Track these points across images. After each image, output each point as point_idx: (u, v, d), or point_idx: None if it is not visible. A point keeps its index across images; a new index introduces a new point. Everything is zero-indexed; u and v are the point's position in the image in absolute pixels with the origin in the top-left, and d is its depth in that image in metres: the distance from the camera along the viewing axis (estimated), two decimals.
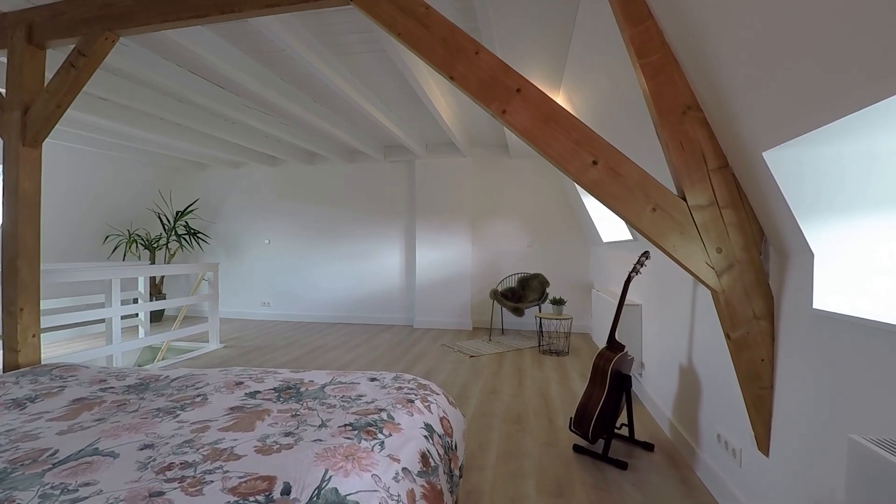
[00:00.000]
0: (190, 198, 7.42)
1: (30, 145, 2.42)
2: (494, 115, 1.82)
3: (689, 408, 2.59)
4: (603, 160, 1.75)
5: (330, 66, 3.42)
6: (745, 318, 1.76)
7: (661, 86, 1.73)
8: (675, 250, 1.74)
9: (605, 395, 2.52)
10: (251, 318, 7.28)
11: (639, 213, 1.74)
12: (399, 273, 6.89)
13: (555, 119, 1.76)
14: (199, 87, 3.89)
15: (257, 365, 4.44)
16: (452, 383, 3.84)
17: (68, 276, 3.46)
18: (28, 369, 2.00)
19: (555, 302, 4.94)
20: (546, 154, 1.77)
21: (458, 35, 1.83)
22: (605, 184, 1.75)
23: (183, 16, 2.16)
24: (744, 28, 1.35)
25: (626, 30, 1.75)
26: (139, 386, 1.73)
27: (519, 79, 1.79)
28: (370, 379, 1.72)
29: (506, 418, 3.09)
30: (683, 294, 2.66)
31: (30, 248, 2.41)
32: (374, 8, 1.89)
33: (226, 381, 1.68)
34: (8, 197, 2.39)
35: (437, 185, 6.50)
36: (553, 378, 4.02)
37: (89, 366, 2.05)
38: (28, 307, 2.40)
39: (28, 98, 2.42)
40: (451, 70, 1.83)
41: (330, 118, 4.86)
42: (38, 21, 2.46)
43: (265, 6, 2.04)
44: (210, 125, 4.84)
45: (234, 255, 7.42)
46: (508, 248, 6.45)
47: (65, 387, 1.73)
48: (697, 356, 2.49)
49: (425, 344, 5.43)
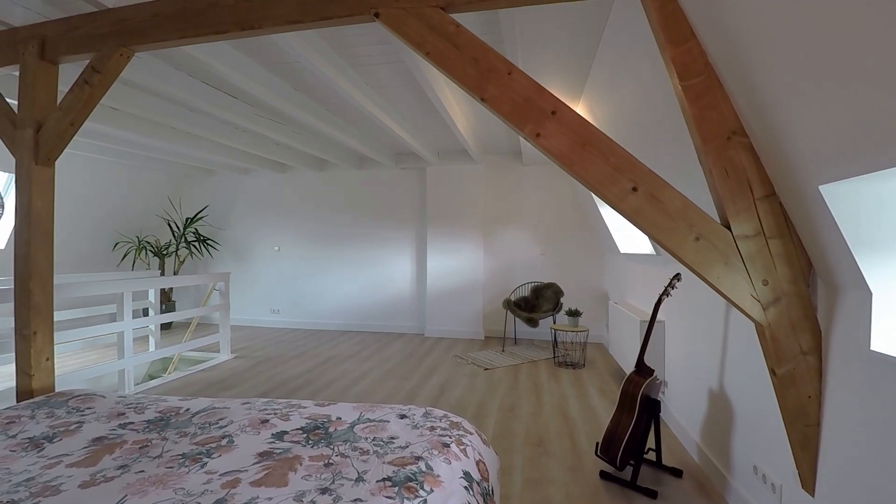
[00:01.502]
0: (199, 204, 7.38)
1: (42, 164, 2.36)
2: (528, 139, 1.74)
3: (720, 434, 2.50)
4: (643, 186, 1.66)
5: (345, 77, 3.35)
6: (792, 354, 1.68)
7: (705, 109, 1.65)
8: (719, 282, 1.66)
9: (635, 421, 2.44)
10: (261, 325, 7.23)
11: (681, 242, 1.66)
12: (410, 281, 6.82)
13: (592, 143, 1.68)
14: (211, 96, 3.83)
15: (269, 377, 4.38)
16: (469, 400, 3.76)
17: (81, 291, 3.41)
18: (43, 399, 1.93)
19: (571, 313, 4.85)
20: (583, 180, 1.69)
21: (490, 55, 1.75)
22: (646, 211, 1.67)
23: (201, 32, 2.10)
24: (797, 49, 1.26)
25: (668, 50, 1.67)
26: (159, 422, 1.67)
27: (554, 101, 1.71)
28: (399, 416, 1.65)
29: (527, 440, 3.01)
30: (714, 317, 2.57)
31: (42, 270, 2.35)
32: (402, 27, 1.82)
33: (250, 418, 1.61)
34: (20, 218, 2.33)
35: (448, 193, 6.42)
36: (571, 394, 3.94)
37: (106, 394, 1.99)
38: (41, 330, 2.34)
39: (41, 115, 2.36)
40: (483, 92, 1.75)
41: (342, 127, 4.80)
42: (50, 36, 2.40)
43: (287, 23, 1.97)
44: (220, 133, 4.79)
45: (244, 261, 7.37)
46: (521, 256, 6.36)
47: (83, 422, 1.66)
48: (731, 383, 2.40)
49: (437, 355, 5.36)
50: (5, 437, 1.55)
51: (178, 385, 4.11)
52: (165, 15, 2.16)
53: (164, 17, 2.16)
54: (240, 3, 2.03)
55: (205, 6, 2.08)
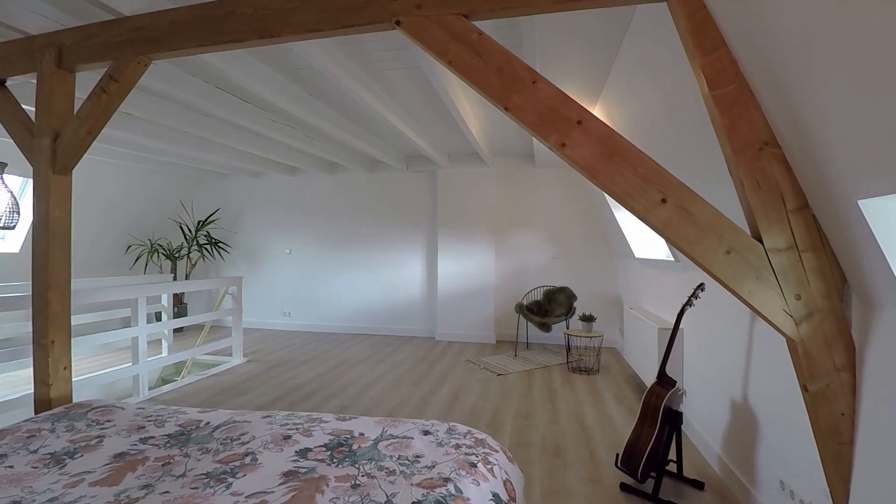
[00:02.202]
0: (210, 207, 7.39)
1: (60, 173, 2.36)
2: (553, 149, 1.70)
3: (743, 446, 2.45)
4: (673, 198, 1.62)
5: (359, 82, 3.33)
6: (825, 370, 1.63)
7: (736, 119, 1.61)
8: (750, 296, 1.61)
9: (657, 433, 2.40)
10: (272, 328, 7.24)
11: (712, 255, 1.62)
12: (420, 284, 6.79)
13: (620, 154, 1.64)
14: (225, 101, 3.82)
15: (282, 382, 4.37)
16: (483, 407, 3.72)
17: (96, 297, 3.42)
18: (62, 410, 1.92)
19: (585, 318, 4.80)
20: (610, 191, 1.65)
21: (515, 63, 1.71)
22: (675, 224, 1.63)
23: (219, 41, 2.08)
24: (840, 58, 1.21)
25: (697, 58, 1.63)
26: (180, 436, 1.65)
27: (580, 110, 1.67)
28: (423, 432, 1.62)
29: (545, 450, 2.97)
30: (737, 326, 2.52)
31: (60, 280, 2.34)
32: (424, 35, 1.79)
33: (272, 434, 1.58)
34: (38, 227, 2.32)
35: (459, 196, 6.39)
36: (586, 401, 3.89)
37: (125, 405, 1.97)
38: (59, 339, 2.33)
39: (58, 124, 2.35)
40: (507, 101, 1.71)
41: (353, 130, 4.78)
42: (67, 44, 2.39)
43: (306, 31, 1.94)
44: (232, 138, 4.78)
45: (255, 264, 7.38)
46: (533, 259, 6.32)
47: (103, 436, 1.65)
48: (755, 395, 2.35)
49: (449, 359, 5.33)
50: (26, 451, 1.54)
51: (192, 390, 4.11)
52: (183, 23, 2.14)
53: (181, 25, 2.14)
54: (258, 11, 2.01)
55: (222, 14, 2.07)
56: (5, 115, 2.52)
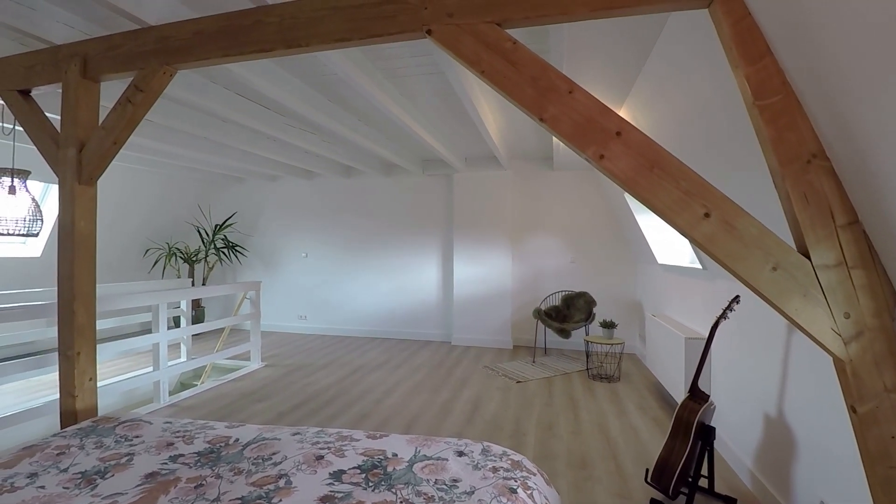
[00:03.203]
0: (227, 211, 7.42)
1: (85, 183, 2.35)
2: (590, 160, 1.65)
3: (779, 463, 2.38)
4: (716, 212, 1.56)
5: (380, 87, 3.30)
6: (875, 392, 1.55)
7: (783, 131, 1.54)
8: (797, 315, 1.55)
9: (689, 448, 2.34)
10: (289, 331, 7.25)
11: (757, 272, 1.56)
12: (436, 288, 6.76)
13: (661, 166, 1.58)
14: (245, 107, 3.82)
15: (301, 388, 4.35)
16: (504, 416, 3.67)
17: (119, 304, 3.42)
18: (90, 425, 1.91)
19: (605, 325, 4.73)
20: (650, 205, 1.60)
21: (550, 73, 1.66)
22: (719, 239, 1.57)
23: (245, 50, 2.05)
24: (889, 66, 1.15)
25: (742, 67, 1.56)
26: (210, 454, 1.62)
27: (619, 121, 1.62)
28: (457, 453, 1.57)
29: (570, 462, 2.91)
30: (772, 339, 2.44)
31: (86, 291, 2.34)
32: (456, 44, 1.75)
33: (304, 454, 1.55)
34: (63, 238, 2.32)
35: (475, 199, 6.34)
36: (609, 410, 3.83)
37: (152, 420, 1.96)
38: (85, 350, 2.33)
39: (83, 134, 2.34)
40: (542, 111, 1.66)
41: (371, 135, 4.75)
42: (92, 54, 2.38)
43: (335, 41, 1.91)
44: (251, 143, 4.78)
45: (272, 268, 7.40)
46: (550, 264, 6.25)
47: (132, 454, 1.63)
48: (792, 411, 2.28)
49: (467, 365, 5.28)
50: (57, 470, 1.52)
51: (212, 396, 4.11)
52: (208, 33, 2.12)
53: (206, 35, 2.12)
54: (285, 20, 1.98)
55: (249, 24, 2.04)
56: (31, 125, 2.53)
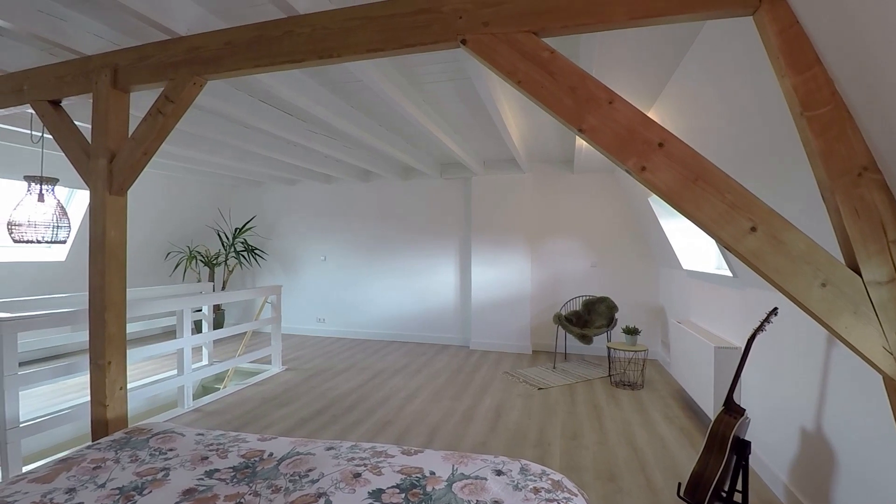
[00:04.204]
0: (247, 215, 7.48)
1: (116, 193, 2.36)
2: (631, 173, 1.61)
3: (816, 478, 2.31)
4: (763, 226, 1.51)
5: (404, 94, 3.27)
6: None
7: (832, 143, 1.48)
8: (847, 332, 1.49)
9: (724, 463, 2.28)
10: (307, 333, 7.28)
11: (806, 288, 1.50)
12: (454, 291, 6.73)
13: (706, 179, 1.53)
14: (267, 114, 3.83)
15: (322, 392, 4.35)
16: (528, 425, 3.63)
17: (144, 310, 3.44)
18: (123, 436, 1.92)
19: (628, 331, 4.66)
20: (693, 218, 1.55)
21: (589, 83, 1.63)
22: (766, 254, 1.51)
23: (276, 61, 2.05)
24: None
25: (789, 77, 1.51)
26: (245, 469, 1.61)
27: (662, 132, 1.57)
28: (496, 472, 1.54)
29: (598, 474, 2.86)
30: (810, 352, 2.37)
31: (117, 301, 2.35)
32: (491, 54, 1.72)
33: (341, 471, 1.53)
34: (94, 248, 2.33)
35: (494, 202, 6.31)
36: (634, 420, 3.76)
37: (185, 432, 1.96)
38: (115, 359, 2.34)
39: (114, 145, 2.36)
40: (581, 122, 1.63)
41: (391, 140, 4.74)
42: (122, 65, 2.39)
43: (367, 51, 1.89)
44: (272, 148, 4.80)
45: (291, 271, 7.43)
46: (570, 268, 6.18)
47: (168, 468, 1.62)
48: (832, 426, 2.21)
49: (487, 370, 5.24)
50: (95, 485, 1.52)
51: (235, 400, 4.13)
52: (239, 43, 2.11)
53: (237, 45, 2.12)
54: (317, 31, 1.96)
55: (280, 34, 2.03)
56: (61, 136, 2.54)
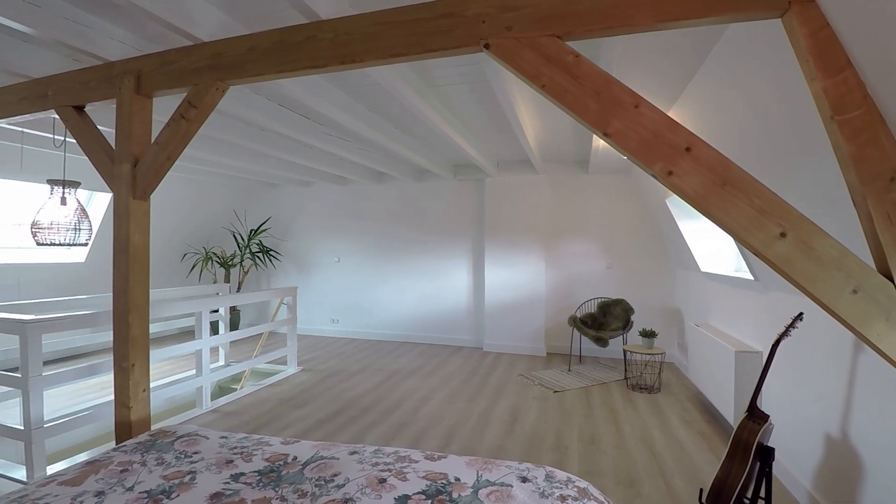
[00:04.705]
0: (262, 216, 7.54)
1: (139, 198, 2.40)
2: (657, 177, 1.59)
3: (842, 485, 2.27)
4: (793, 232, 1.49)
5: (421, 97, 3.27)
6: None
7: (864, 147, 1.45)
8: (879, 340, 1.46)
9: (748, 469, 2.25)
10: (321, 334, 7.32)
11: (836, 295, 1.47)
12: (467, 293, 6.72)
13: (734, 183, 1.51)
14: (286, 118, 3.85)
15: (337, 394, 4.38)
16: (545, 429, 3.61)
17: (166, 311, 3.49)
18: (148, 439, 1.94)
19: (645, 334, 4.62)
20: (722, 224, 1.53)
21: (614, 87, 1.61)
22: (795, 260, 1.49)
23: (298, 66, 2.06)
24: None
25: (819, 81, 1.48)
26: (270, 473, 1.62)
27: (689, 136, 1.56)
28: (521, 479, 1.54)
29: (617, 479, 2.84)
30: (836, 357, 2.34)
31: (140, 303, 2.38)
32: (515, 58, 1.71)
33: (367, 477, 1.53)
34: (118, 251, 2.36)
35: (508, 204, 6.29)
36: (652, 423, 3.73)
37: (208, 435, 1.97)
38: (139, 362, 2.37)
39: (138, 150, 2.39)
40: (606, 126, 1.62)
41: (406, 142, 4.75)
42: (146, 70, 2.42)
43: (390, 56, 1.89)
44: (288, 151, 4.83)
45: (305, 272, 7.48)
46: (585, 269, 6.14)
47: (194, 472, 1.64)
48: (859, 433, 2.17)
49: (501, 373, 5.23)
50: (123, 489, 1.54)
51: (252, 401, 4.16)
52: (262, 49, 2.13)
53: (260, 51, 2.13)
54: (339, 36, 1.97)
55: (302, 39, 2.04)
56: (85, 141, 2.58)
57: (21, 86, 2.84)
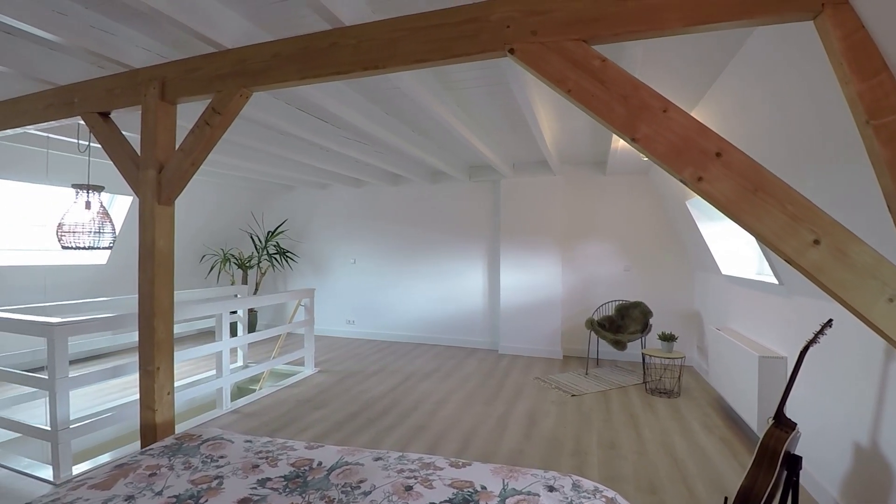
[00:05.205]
0: (279, 218, 7.60)
1: (164, 203, 2.42)
2: (686, 182, 1.57)
3: (872, 496, 2.22)
4: (827, 239, 1.45)
5: (440, 100, 3.27)
6: None
7: None
8: None
9: (774, 478, 2.21)
10: (337, 335, 7.36)
11: (870, 303, 1.43)
12: (482, 295, 6.71)
13: (766, 189, 1.48)
14: (304, 121, 3.88)
15: (355, 395, 4.39)
16: (564, 433, 3.59)
17: (189, 313, 3.53)
18: (174, 442, 1.96)
19: (665, 338, 4.57)
20: (754, 230, 1.50)
21: (642, 91, 1.59)
22: (829, 268, 1.45)
23: (322, 73, 2.07)
24: None
25: (853, 84, 1.45)
26: (296, 478, 1.63)
27: (719, 141, 1.53)
28: (547, 487, 1.52)
29: (638, 486, 2.81)
30: (867, 364, 2.28)
31: (165, 308, 2.41)
32: (540, 63, 1.70)
33: (393, 484, 1.53)
34: (144, 257, 2.40)
35: (523, 205, 6.26)
36: (673, 428, 3.68)
37: (233, 439, 1.99)
38: (164, 365, 2.40)
39: (163, 156, 2.41)
40: (634, 131, 1.60)
41: (422, 144, 4.74)
42: (170, 77, 2.45)
43: (413, 62, 1.89)
44: (306, 154, 4.86)
45: (321, 274, 7.53)
46: (603, 271, 6.09)
47: (221, 476, 1.65)
48: (890, 442, 2.12)
49: (517, 376, 5.21)
50: (152, 493, 1.56)
51: (271, 402, 4.20)
52: (285, 55, 2.14)
53: (284, 57, 2.15)
54: (363, 42, 1.97)
55: (326, 46, 2.05)
56: (111, 147, 2.62)
57: (48, 93, 2.89)
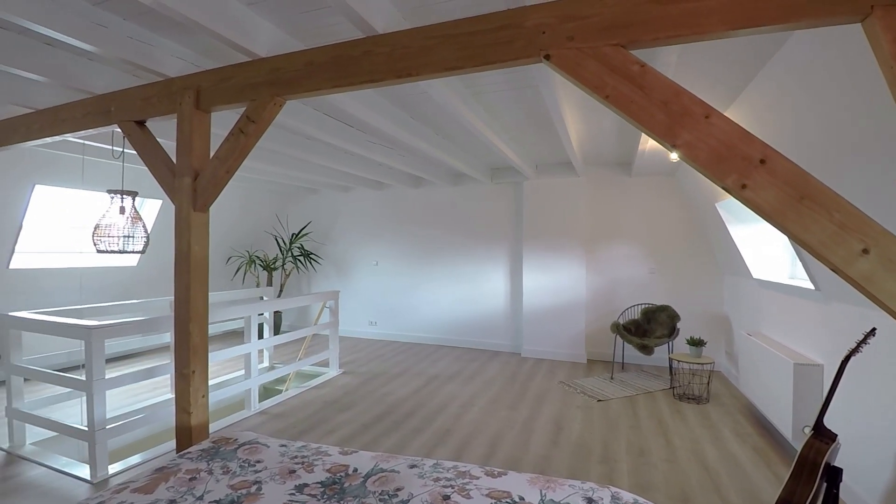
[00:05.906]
0: (302, 221, 7.69)
1: (199, 210, 2.46)
2: (729, 190, 1.54)
3: None
4: (877, 248, 1.40)
5: (466, 105, 3.26)
6: None
7: None
8: None
9: (814, 491, 2.15)
10: (360, 336, 7.42)
11: None
12: (504, 297, 6.68)
13: (812, 197, 1.44)
14: (331, 127, 3.91)
15: (380, 397, 4.42)
16: (591, 440, 3.55)
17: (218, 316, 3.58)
18: (211, 446, 1.99)
19: (693, 342, 4.49)
20: (800, 240, 1.46)
21: (683, 97, 1.56)
22: (879, 277, 1.40)
23: (355, 81, 2.08)
24: None
25: None
26: (333, 485, 1.64)
27: (763, 147, 1.49)
28: (587, 500, 1.50)
29: (669, 495, 2.76)
30: None
31: (200, 312, 2.45)
32: (577, 69, 1.68)
33: (430, 493, 1.53)
34: (180, 262, 2.44)
35: (546, 207, 6.21)
36: (703, 436, 3.61)
37: (268, 443, 2.02)
38: (199, 369, 2.45)
39: (198, 164, 2.46)
40: (674, 138, 1.57)
41: (446, 147, 4.74)
42: (205, 86, 2.49)
43: (446, 69, 1.89)
44: (330, 158, 4.91)
45: (345, 275, 7.59)
46: (628, 274, 6.01)
47: (259, 482, 1.68)
48: None
49: (541, 380, 5.17)
50: (193, 497, 1.58)
51: (297, 403, 4.25)
52: (319, 64, 2.16)
53: (317, 65, 2.17)
54: (396, 50, 1.98)
55: (359, 54, 2.06)
56: (147, 154, 2.68)
57: (86, 101, 2.97)
